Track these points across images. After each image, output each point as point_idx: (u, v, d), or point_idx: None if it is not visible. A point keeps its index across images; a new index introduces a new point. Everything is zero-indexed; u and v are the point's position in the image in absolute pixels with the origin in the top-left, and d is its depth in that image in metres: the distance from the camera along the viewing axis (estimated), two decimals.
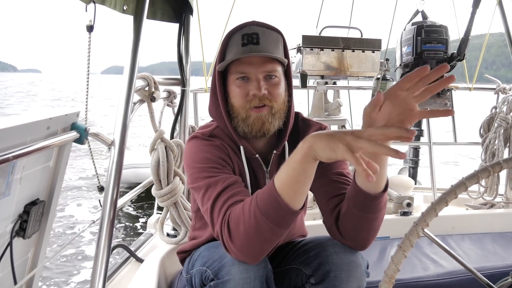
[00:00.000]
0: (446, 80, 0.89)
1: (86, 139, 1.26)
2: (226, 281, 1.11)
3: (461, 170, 10.78)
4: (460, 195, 0.88)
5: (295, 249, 1.32)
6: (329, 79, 3.10)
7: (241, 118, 1.26)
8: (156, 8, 1.97)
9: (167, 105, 2.12)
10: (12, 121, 1.00)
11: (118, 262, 1.93)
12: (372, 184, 1.08)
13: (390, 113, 0.94)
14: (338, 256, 1.17)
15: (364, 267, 1.19)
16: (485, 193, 2.84)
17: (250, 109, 1.24)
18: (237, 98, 1.25)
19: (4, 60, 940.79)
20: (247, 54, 1.21)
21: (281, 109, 1.28)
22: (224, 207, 1.13)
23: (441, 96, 3.00)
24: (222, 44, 1.29)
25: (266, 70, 1.23)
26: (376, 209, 1.13)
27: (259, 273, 1.12)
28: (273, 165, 1.34)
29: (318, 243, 1.25)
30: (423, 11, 3.21)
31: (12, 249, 1.15)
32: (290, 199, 1.01)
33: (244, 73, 1.23)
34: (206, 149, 1.27)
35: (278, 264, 1.35)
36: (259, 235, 1.05)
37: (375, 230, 1.19)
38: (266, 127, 1.24)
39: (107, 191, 1.32)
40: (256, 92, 1.22)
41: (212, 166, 1.23)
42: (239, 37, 1.25)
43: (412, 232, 0.84)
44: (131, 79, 1.40)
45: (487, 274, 1.88)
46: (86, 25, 1.31)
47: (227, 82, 1.29)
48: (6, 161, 0.93)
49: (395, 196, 2.55)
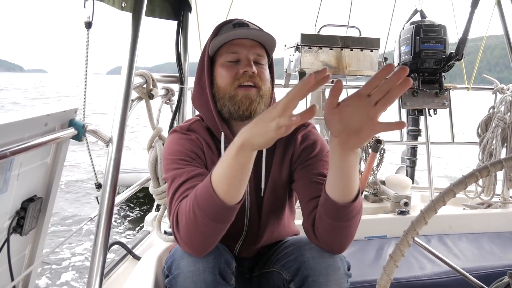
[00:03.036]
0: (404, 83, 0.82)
1: (84, 136, 1.26)
2: (176, 275, 1.11)
3: (459, 170, 10.82)
4: (458, 194, 0.88)
5: (278, 251, 1.31)
6: None
7: (228, 96, 1.25)
8: (154, 5, 1.97)
9: (165, 102, 2.11)
10: (9, 117, 1.00)
11: (115, 259, 1.93)
12: (340, 194, 1.05)
13: (349, 117, 0.88)
14: (315, 261, 1.16)
15: (343, 270, 1.17)
16: (482, 192, 2.85)
17: (238, 88, 1.24)
18: (224, 78, 1.26)
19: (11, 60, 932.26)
20: (241, 32, 1.25)
21: (267, 94, 1.28)
22: (179, 198, 1.13)
23: (439, 96, 3.01)
24: (212, 32, 1.32)
25: (256, 52, 1.26)
26: (347, 218, 1.09)
27: (209, 264, 1.11)
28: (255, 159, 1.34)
29: (297, 247, 1.23)
30: (422, 10, 3.22)
31: (9, 245, 1.15)
32: (225, 195, 0.99)
33: (236, 52, 1.25)
34: (180, 142, 1.29)
35: (264, 264, 1.35)
36: (198, 229, 1.04)
37: (350, 236, 1.15)
38: (253, 107, 1.24)
39: (104, 188, 1.32)
40: (248, 68, 1.23)
41: (181, 158, 1.24)
42: (230, 25, 1.30)
43: (403, 242, 0.85)
44: (129, 76, 1.39)
45: (484, 274, 1.89)
46: (85, 22, 1.31)
47: (214, 67, 1.30)
48: (3, 157, 0.93)
49: (393, 195, 2.56)
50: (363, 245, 2.17)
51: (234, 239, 1.36)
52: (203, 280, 1.09)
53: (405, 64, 3.03)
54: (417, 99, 3.01)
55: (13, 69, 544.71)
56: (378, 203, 2.72)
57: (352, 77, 3.08)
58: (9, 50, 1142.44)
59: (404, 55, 3.05)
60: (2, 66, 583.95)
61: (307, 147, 1.31)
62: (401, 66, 0.82)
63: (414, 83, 3.01)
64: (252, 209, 1.33)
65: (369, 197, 2.75)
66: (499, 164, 0.83)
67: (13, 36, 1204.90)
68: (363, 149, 2.76)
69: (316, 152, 1.30)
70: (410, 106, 3.07)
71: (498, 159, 0.83)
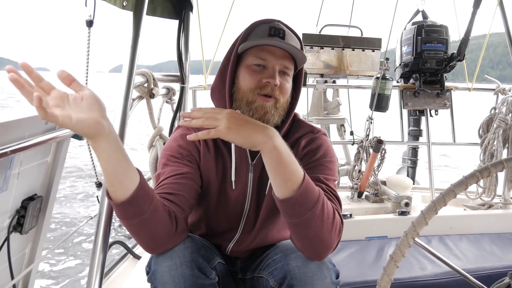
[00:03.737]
0: None
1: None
2: (155, 271, 1.11)
3: (460, 171, 10.80)
4: (458, 195, 0.88)
5: (268, 257, 1.30)
6: (328, 78, 3.09)
7: (246, 101, 1.24)
8: (156, 5, 1.97)
9: (166, 101, 2.11)
10: (10, 116, 1.00)
11: (116, 258, 1.93)
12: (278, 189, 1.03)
13: None
14: (300, 270, 1.13)
15: (330, 279, 1.13)
16: (483, 193, 2.85)
17: (258, 95, 1.22)
18: (247, 81, 1.24)
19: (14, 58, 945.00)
20: (274, 42, 1.22)
21: (283, 106, 1.27)
22: None
23: (440, 96, 3.01)
24: (246, 29, 1.29)
25: (284, 64, 1.24)
26: (296, 214, 1.04)
27: (186, 258, 1.09)
28: (259, 160, 1.31)
29: (284, 254, 1.21)
30: (424, 10, 3.21)
31: (9, 244, 1.15)
32: (112, 193, 0.99)
33: (264, 60, 1.23)
34: (178, 138, 1.29)
35: (255, 268, 1.34)
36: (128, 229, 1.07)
37: (320, 239, 1.08)
38: (267, 117, 1.23)
39: (105, 187, 1.31)
40: (271, 80, 1.21)
41: (172, 154, 1.25)
42: (266, 28, 1.26)
43: (403, 242, 0.84)
44: (130, 75, 1.39)
45: (485, 275, 1.89)
46: (86, 20, 1.31)
47: (240, 66, 1.28)
48: (4, 156, 0.93)
49: (393, 196, 2.56)
50: (364, 246, 2.17)
51: (227, 238, 1.36)
52: (181, 274, 1.08)
53: (407, 64, 3.03)
54: (418, 99, 3.01)
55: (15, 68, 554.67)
56: (379, 203, 2.72)
57: (354, 77, 3.08)
58: (11, 48, 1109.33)
59: (405, 55, 3.05)
60: (4, 64, 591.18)
61: (309, 152, 1.30)
62: None
63: (416, 83, 3.01)
64: (250, 211, 1.33)
65: (370, 198, 2.75)
66: (500, 165, 0.83)
67: (15, 35, 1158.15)
68: (364, 149, 2.76)
69: (318, 157, 1.28)
70: (412, 107, 3.07)
71: (499, 160, 0.83)
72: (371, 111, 2.82)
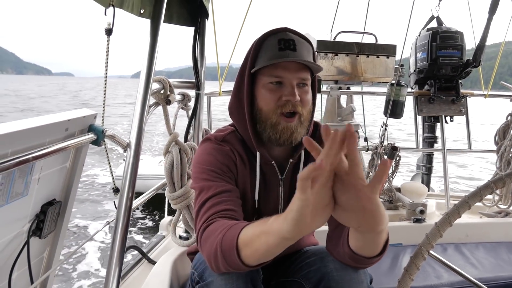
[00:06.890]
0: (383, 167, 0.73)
1: (103, 141, 1.27)
2: (209, 283, 1.12)
3: (475, 178, 10.67)
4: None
5: (298, 261, 1.31)
6: (342, 84, 3.09)
7: (270, 123, 1.22)
8: (172, 12, 1.99)
9: (182, 108, 2.13)
10: (32, 123, 1.02)
11: (131, 263, 1.95)
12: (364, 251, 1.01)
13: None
14: (338, 273, 1.15)
15: (366, 283, 1.16)
16: (500, 201, 2.81)
17: (281, 115, 1.21)
18: (267, 102, 1.22)
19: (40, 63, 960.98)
20: (286, 58, 1.19)
21: (307, 118, 1.26)
22: (206, 214, 1.13)
23: (455, 103, 2.98)
24: (255, 46, 1.26)
25: (300, 77, 1.21)
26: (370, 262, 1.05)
27: (242, 273, 1.10)
28: (288, 173, 1.33)
29: (320, 257, 1.22)
30: (438, 16, 3.19)
31: (29, 248, 1.17)
32: (248, 258, 0.94)
33: (280, 77, 1.20)
34: (213, 152, 1.27)
35: (283, 273, 1.34)
36: (216, 260, 1.02)
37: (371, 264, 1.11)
38: (294, 137, 1.22)
39: (122, 193, 1.33)
40: (291, 98, 1.19)
41: (212, 169, 1.22)
42: (275, 41, 1.22)
43: (417, 256, 0.84)
44: (148, 82, 1.41)
45: (502, 284, 1.86)
46: (105, 29, 1.34)
47: (256, 85, 1.25)
48: (26, 162, 0.95)
49: (408, 203, 2.54)
50: None
51: None
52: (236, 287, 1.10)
53: (421, 70, 3.01)
54: (433, 106, 2.99)
55: (41, 72, 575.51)
56: (394, 210, 2.70)
57: (368, 83, 3.08)
58: (38, 54, 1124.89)
59: (420, 61, 3.03)
60: (32, 69, 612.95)
61: None
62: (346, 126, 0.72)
63: (431, 89, 2.99)
64: None
65: (384, 205, 2.73)
66: None
67: (42, 41, 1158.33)
68: (378, 155, 2.75)
69: None
70: (426, 113, 3.05)
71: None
72: (385, 117, 2.81)
